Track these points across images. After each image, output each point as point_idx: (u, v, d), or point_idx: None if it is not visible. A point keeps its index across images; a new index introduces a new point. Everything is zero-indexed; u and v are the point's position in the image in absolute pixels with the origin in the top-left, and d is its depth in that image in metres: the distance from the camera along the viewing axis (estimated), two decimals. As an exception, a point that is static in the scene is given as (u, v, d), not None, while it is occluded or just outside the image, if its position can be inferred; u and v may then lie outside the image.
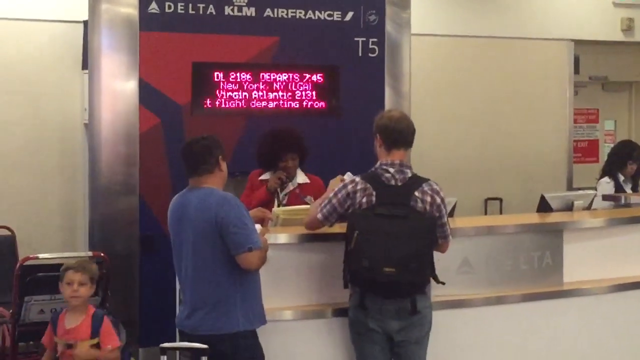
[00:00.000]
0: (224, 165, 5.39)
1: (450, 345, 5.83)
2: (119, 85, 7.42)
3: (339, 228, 5.97)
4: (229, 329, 5.13)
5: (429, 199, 5.22)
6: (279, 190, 6.78)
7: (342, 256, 5.32)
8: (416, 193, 5.21)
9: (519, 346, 6.09)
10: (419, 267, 5.08)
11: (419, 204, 5.19)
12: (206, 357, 4.60)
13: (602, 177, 9.00)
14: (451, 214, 6.65)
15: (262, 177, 6.85)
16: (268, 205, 6.60)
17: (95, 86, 7.44)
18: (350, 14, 8.09)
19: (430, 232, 5.17)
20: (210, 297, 5.16)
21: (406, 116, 5.54)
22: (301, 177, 6.86)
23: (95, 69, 7.44)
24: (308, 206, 6.38)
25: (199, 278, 5.19)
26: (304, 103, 7.96)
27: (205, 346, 4.56)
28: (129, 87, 7.41)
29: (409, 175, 5.31)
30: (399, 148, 5.37)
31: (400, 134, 5.37)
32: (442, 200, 5.27)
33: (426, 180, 5.31)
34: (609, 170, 8.99)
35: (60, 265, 6.75)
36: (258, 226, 5.36)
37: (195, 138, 5.47)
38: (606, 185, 8.80)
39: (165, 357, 4.64)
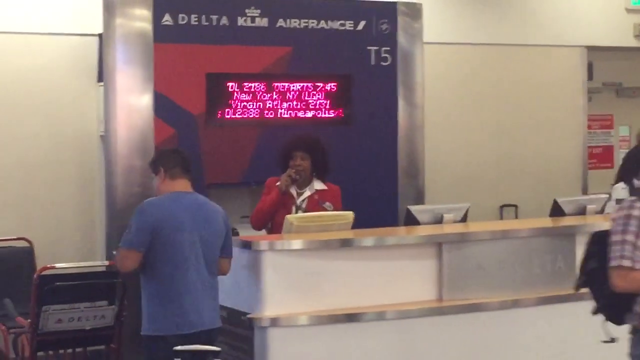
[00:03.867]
0: None
1: (465, 349, 5.87)
2: (134, 98, 7.50)
3: (352, 234, 6.05)
4: (219, 323, 5.49)
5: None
6: (295, 195, 6.79)
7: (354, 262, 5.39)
8: None
9: (533, 349, 6.11)
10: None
11: None
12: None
13: (617, 182, 8.99)
14: (464, 219, 6.70)
15: (278, 183, 6.85)
16: (284, 209, 6.63)
17: (111, 99, 7.52)
18: (362, 23, 8.15)
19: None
20: (214, 294, 5.46)
21: None
22: (318, 184, 6.87)
23: (111, 83, 7.52)
24: (322, 213, 6.45)
25: (205, 276, 5.41)
26: (318, 112, 8.01)
27: (218, 349, 4.61)
28: (144, 99, 7.49)
29: None
30: None
31: None
32: (623, 216, 4.47)
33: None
34: (624, 175, 8.97)
35: (78, 275, 6.85)
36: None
37: (176, 148, 5.98)
38: (622, 191, 8.77)
39: (178, 360, 4.71)
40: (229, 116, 7.75)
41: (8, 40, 8.20)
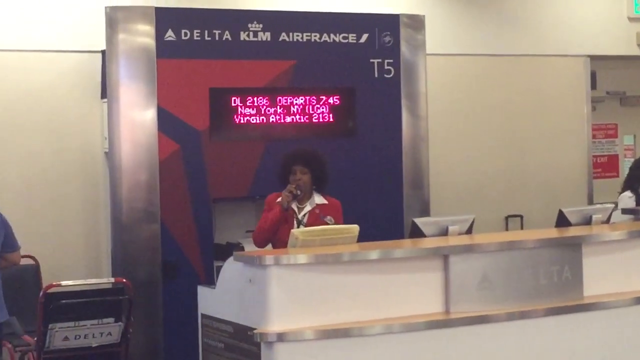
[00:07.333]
0: None
1: (472, 361, 5.86)
2: (137, 114, 7.51)
3: (358, 247, 6.04)
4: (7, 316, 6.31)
5: None
6: (296, 210, 6.80)
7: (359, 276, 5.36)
8: None
9: (541, 361, 6.09)
10: None
11: None
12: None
13: (623, 191, 8.99)
14: (469, 231, 6.68)
15: (279, 199, 6.83)
16: (286, 225, 6.64)
17: (115, 115, 7.53)
18: (365, 36, 8.16)
19: None
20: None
21: None
22: (319, 199, 6.87)
23: (114, 99, 7.53)
24: (327, 227, 6.44)
25: None
26: (322, 125, 8.01)
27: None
28: (148, 114, 7.50)
29: None
30: None
31: None
32: None
33: None
34: (630, 184, 8.98)
35: (84, 292, 6.85)
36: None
37: None
38: (628, 200, 8.79)
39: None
40: (233, 131, 7.76)
41: (11, 58, 8.22)
